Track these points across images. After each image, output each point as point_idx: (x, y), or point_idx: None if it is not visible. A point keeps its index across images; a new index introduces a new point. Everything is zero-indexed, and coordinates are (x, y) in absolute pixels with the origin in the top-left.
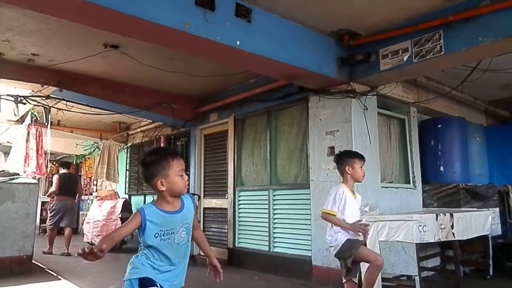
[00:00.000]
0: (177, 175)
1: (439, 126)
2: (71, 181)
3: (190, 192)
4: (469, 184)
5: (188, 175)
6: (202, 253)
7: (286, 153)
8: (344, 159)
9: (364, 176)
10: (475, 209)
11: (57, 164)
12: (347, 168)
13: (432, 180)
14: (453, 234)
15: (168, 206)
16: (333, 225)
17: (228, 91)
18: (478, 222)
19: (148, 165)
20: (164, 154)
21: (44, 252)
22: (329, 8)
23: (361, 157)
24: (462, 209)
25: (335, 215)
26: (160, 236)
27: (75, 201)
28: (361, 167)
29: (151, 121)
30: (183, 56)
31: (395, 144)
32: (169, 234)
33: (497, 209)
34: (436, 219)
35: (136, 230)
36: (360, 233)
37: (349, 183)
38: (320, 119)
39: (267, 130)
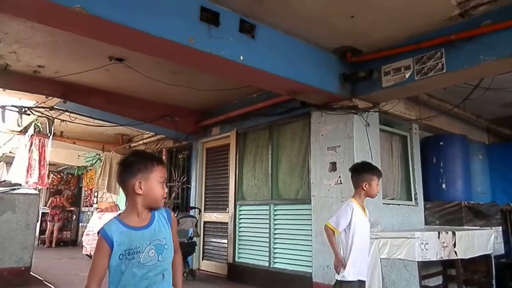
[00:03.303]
0: (158, 182)
1: (441, 143)
2: None
3: (191, 205)
4: (472, 202)
5: (189, 188)
6: (201, 268)
7: (288, 168)
8: (363, 174)
9: (377, 193)
10: (478, 227)
11: (58, 176)
12: (364, 184)
13: (434, 198)
14: (456, 252)
15: (135, 220)
16: (341, 245)
17: (231, 105)
18: (481, 241)
19: (129, 165)
20: (149, 156)
21: None
22: (332, 26)
23: (380, 174)
24: (465, 227)
25: (336, 233)
26: (125, 257)
27: None
28: (377, 184)
29: (153, 133)
30: (186, 70)
31: (397, 160)
32: (134, 253)
33: (500, 228)
34: (438, 237)
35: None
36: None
37: (361, 198)
38: (322, 135)
39: (269, 145)
